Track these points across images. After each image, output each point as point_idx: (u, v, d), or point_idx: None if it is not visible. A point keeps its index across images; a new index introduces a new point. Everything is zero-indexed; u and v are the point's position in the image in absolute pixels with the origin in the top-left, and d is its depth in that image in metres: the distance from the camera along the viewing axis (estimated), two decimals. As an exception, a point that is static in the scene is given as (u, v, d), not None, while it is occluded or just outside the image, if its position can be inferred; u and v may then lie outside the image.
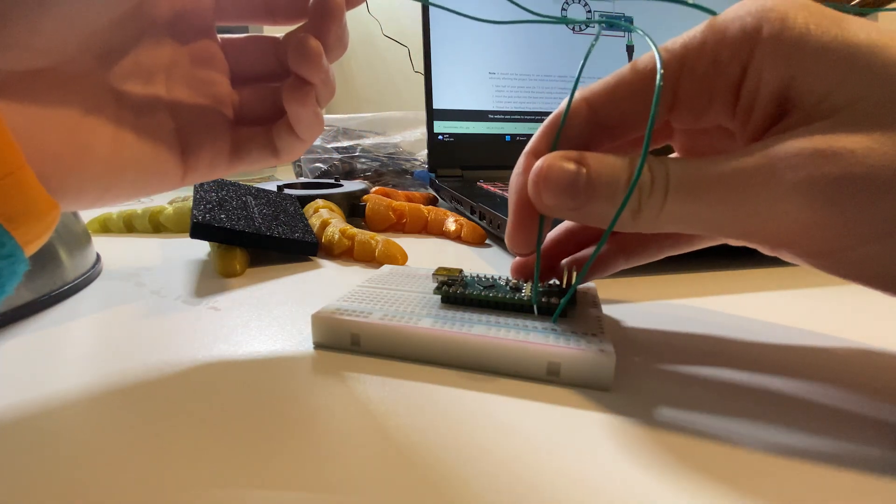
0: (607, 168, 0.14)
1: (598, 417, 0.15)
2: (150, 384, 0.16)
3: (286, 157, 0.20)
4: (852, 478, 0.12)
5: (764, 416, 0.15)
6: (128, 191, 0.17)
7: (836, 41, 0.13)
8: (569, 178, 0.15)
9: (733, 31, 0.14)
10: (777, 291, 0.26)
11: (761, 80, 0.13)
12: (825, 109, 0.13)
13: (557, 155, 0.15)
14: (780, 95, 0.13)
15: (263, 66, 0.20)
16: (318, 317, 0.19)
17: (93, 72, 0.15)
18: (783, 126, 0.13)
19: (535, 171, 0.15)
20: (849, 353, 0.19)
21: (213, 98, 0.19)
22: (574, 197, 0.15)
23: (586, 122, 0.16)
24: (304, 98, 0.18)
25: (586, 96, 0.16)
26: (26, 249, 0.13)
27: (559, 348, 0.16)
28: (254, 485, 0.12)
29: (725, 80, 0.14)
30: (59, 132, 0.14)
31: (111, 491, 0.11)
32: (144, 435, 0.14)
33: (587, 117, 0.16)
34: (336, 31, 0.18)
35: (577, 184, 0.15)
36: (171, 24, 0.18)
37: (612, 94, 0.16)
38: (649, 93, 0.15)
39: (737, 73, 0.14)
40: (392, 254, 0.30)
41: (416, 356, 0.18)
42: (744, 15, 0.14)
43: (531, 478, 0.12)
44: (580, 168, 0.15)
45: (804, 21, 0.13)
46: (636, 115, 0.16)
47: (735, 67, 0.14)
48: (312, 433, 0.14)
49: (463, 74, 0.54)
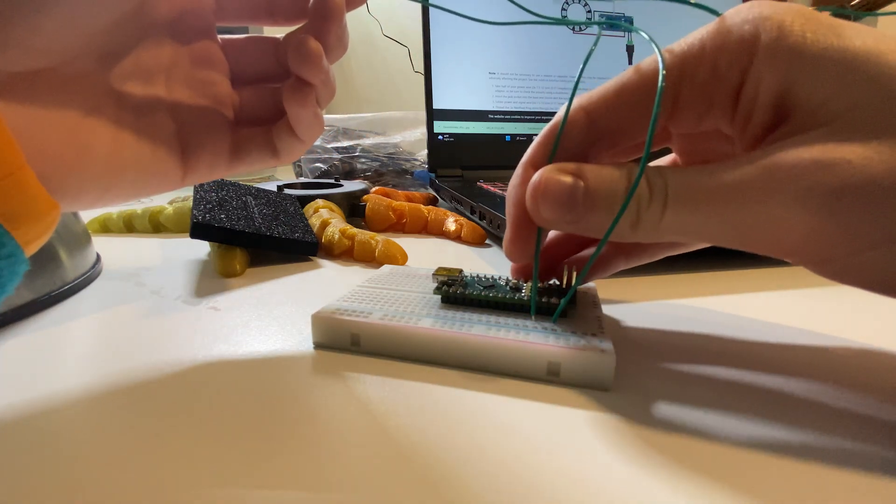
0: (605, 180, 0.14)
1: (598, 417, 0.15)
2: (150, 384, 0.16)
3: (286, 157, 0.20)
4: (852, 478, 0.12)
5: (764, 416, 0.15)
6: (128, 191, 0.17)
7: (833, 48, 0.13)
8: (566, 191, 0.15)
9: (732, 38, 0.14)
10: (777, 291, 0.26)
11: (760, 87, 0.14)
12: (823, 117, 0.13)
13: (554, 168, 0.15)
14: (778, 102, 0.13)
15: (264, 66, 0.20)
16: (318, 317, 0.19)
17: (93, 72, 0.15)
18: (781, 133, 0.13)
19: (532, 184, 0.15)
20: (848, 353, 0.19)
21: (213, 98, 0.19)
22: (572, 210, 0.15)
23: (584, 131, 0.16)
24: (304, 99, 0.18)
25: (584, 105, 0.16)
26: (26, 249, 0.13)
27: (559, 348, 0.16)
28: (254, 485, 0.12)
29: (725, 87, 0.14)
30: (59, 133, 0.14)
31: (111, 491, 0.11)
32: (144, 435, 0.14)
33: (585, 126, 0.16)
34: (336, 31, 0.18)
35: (575, 197, 0.15)
36: (171, 24, 0.18)
37: (610, 103, 0.16)
38: (648, 101, 0.15)
39: (736, 81, 0.14)
40: (392, 254, 0.30)
41: (417, 356, 0.18)
42: (741, 22, 0.14)
43: (531, 478, 0.12)
44: (577, 181, 0.15)
45: (801, 28, 0.13)
46: (634, 123, 0.16)
47: (734, 74, 0.14)
48: (312, 433, 0.14)
49: (463, 74, 0.54)
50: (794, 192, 0.12)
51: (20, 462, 0.12)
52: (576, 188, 0.15)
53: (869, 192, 0.12)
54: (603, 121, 0.16)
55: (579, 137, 0.16)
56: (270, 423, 0.14)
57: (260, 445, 0.13)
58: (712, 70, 0.14)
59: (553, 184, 0.15)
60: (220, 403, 0.15)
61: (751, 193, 0.13)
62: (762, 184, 0.13)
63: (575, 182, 0.15)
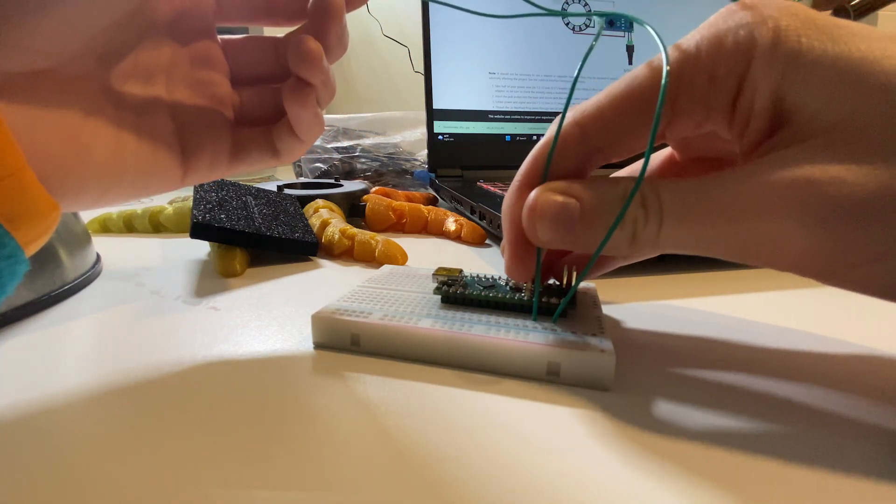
0: (600, 198, 0.15)
1: (598, 417, 0.15)
2: (150, 384, 0.16)
3: (286, 157, 0.20)
4: (851, 483, 0.12)
5: (764, 419, 0.15)
6: (128, 191, 0.17)
7: (828, 55, 0.13)
8: (563, 212, 0.15)
9: (728, 44, 0.14)
10: (777, 291, 0.26)
11: (756, 93, 0.13)
12: (817, 126, 0.13)
13: (549, 187, 0.15)
14: (774, 109, 0.13)
15: (264, 66, 0.20)
16: (318, 317, 0.19)
17: (93, 73, 0.15)
18: (777, 141, 0.13)
19: (528, 207, 0.15)
20: (850, 356, 0.19)
21: (213, 99, 0.19)
22: (570, 230, 0.15)
23: (579, 146, 0.16)
24: (304, 99, 0.18)
25: (577, 119, 0.16)
26: (27, 250, 0.13)
27: (559, 348, 0.16)
28: (253, 485, 0.12)
29: (723, 94, 0.14)
30: (59, 133, 0.14)
31: (111, 491, 0.11)
32: (144, 435, 0.13)
33: (579, 140, 0.16)
34: (336, 31, 0.18)
35: (572, 217, 0.15)
36: (171, 25, 0.18)
37: (605, 116, 0.15)
38: (644, 111, 0.15)
39: (734, 88, 0.14)
40: (392, 254, 0.30)
41: (416, 356, 0.18)
42: (736, 27, 0.14)
43: (529, 478, 0.12)
44: (571, 200, 0.15)
45: (796, 33, 0.13)
46: (630, 135, 0.15)
47: (732, 82, 0.14)
48: (312, 433, 0.14)
49: (463, 74, 0.54)
50: (789, 210, 0.12)
51: (20, 462, 0.12)
52: (572, 208, 0.15)
53: (862, 209, 0.12)
54: (598, 134, 0.15)
55: (574, 152, 0.16)
56: (270, 423, 0.14)
57: (259, 445, 0.13)
58: (710, 78, 0.14)
59: (549, 205, 0.15)
60: (220, 403, 0.15)
61: (745, 211, 0.13)
62: (756, 202, 0.13)
63: (569, 201, 0.15)
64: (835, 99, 0.12)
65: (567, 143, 0.16)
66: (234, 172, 0.20)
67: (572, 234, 0.15)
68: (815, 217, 0.12)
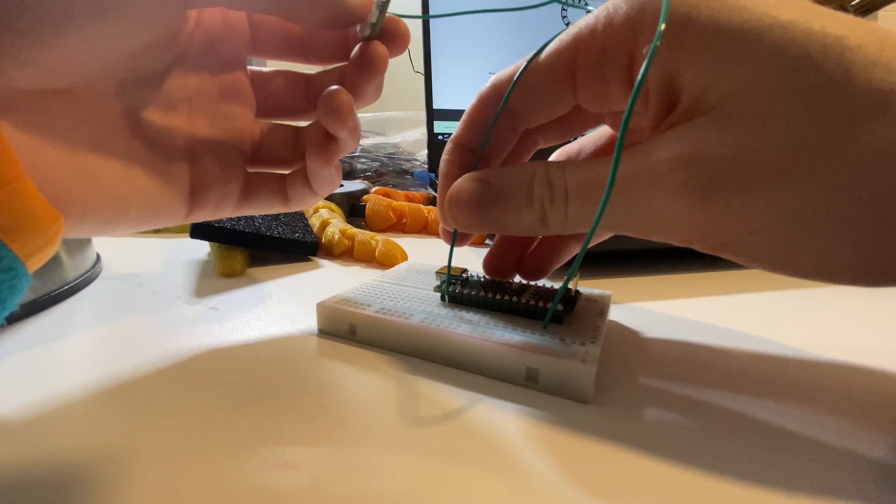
0: (509, 180, 0.16)
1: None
2: (150, 384, 0.16)
3: (295, 206, 0.20)
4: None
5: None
6: (129, 224, 0.16)
7: (718, 27, 0.12)
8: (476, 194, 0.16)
9: (619, 17, 0.14)
10: (777, 291, 0.26)
11: None
12: (704, 104, 0.13)
13: (467, 177, 0.17)
14: (667, 85, 0.13)
15: (291, 102, 0.20)
16: (323, 306, 0.20)
17: (112, 98, 0.15)
18: (673, 118, 0.13)
19: (448, 195, 0.17)
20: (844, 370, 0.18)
21: (233, 132, 0.18)
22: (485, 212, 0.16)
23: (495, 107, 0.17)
24: (329, 157, 0.17)
25: (495, 83, 0.18)
26: (29, 263, 0.12)
27: (539, 354, 0.16)
28: (253, 484, 0.12)
29: (613, 69, 0.14)
30: (67, 158, 0.13)
31: (111, 491, 0.11)
32: (144, 435, 0.14)
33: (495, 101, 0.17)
34: (378, 82, 0.17)
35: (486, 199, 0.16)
36: (203, 54, 0.17)
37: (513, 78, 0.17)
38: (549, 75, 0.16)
39: (624, 62, 0.14)
40: (392, 254, 0.30)
41: (406, 349, 0.18)
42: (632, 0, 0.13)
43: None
44: (483, 184, 0.16)
45: (687, 4, 0.13)
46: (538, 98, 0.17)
47: (621, 56, 0.14)
48: (312, 433, 0.14)
49: (463, 74, 0.54)
50: (671, 186, 0.13)
51: (20, 462, 0.12)
52: (484, 190, 0.16)
53: (741, 182, 0.12)
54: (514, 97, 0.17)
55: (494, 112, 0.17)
56: (270, 423, 0.14)
57: (259, 445, 0.13)
58: (602, 51, 0.14)
59: (464, 189, 0.17)
60: (220, 404, 0.15)
61: (637, 188, 0.13)
62: (644, 178, 0.13)
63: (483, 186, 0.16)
64: (721, 75, 0.12)
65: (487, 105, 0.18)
66: (240, 214, 0.20)
67: (486, 216, 0.16)
68: (694, 192, 0.13)
